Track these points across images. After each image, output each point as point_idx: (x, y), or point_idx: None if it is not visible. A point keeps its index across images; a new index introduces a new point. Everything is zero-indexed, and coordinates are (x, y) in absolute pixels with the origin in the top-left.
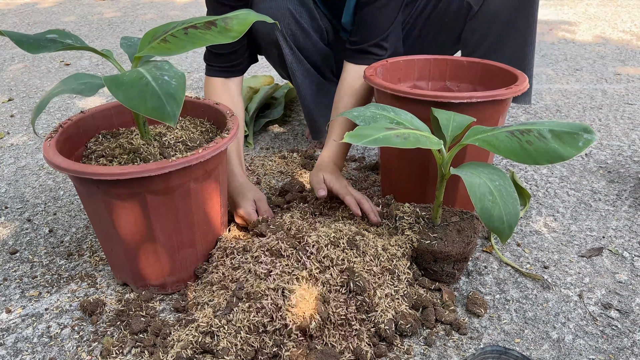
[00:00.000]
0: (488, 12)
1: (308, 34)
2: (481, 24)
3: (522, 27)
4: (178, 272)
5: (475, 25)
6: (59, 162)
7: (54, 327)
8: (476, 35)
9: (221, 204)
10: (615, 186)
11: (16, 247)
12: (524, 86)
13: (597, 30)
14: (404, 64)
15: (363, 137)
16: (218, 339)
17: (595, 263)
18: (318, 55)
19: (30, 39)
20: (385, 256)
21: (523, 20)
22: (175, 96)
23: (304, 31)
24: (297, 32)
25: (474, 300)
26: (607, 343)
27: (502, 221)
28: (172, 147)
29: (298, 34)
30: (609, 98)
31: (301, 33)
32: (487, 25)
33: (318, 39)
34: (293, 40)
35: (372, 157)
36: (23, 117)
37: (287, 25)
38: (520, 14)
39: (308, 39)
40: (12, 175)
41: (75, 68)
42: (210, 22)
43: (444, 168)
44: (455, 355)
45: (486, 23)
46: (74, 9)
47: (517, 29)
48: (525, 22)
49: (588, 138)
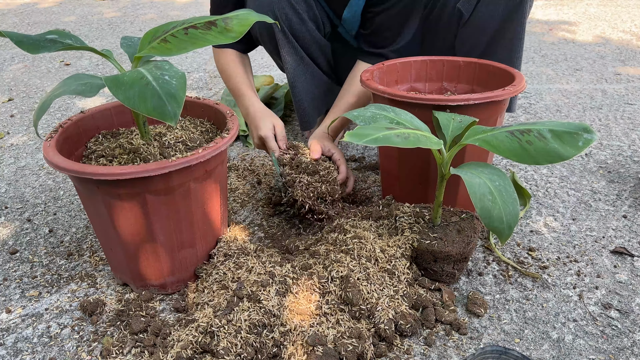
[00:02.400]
0: (478, 20)
1: (304, 20)
2: (472, 32)
3: (510, 36)
4: (178, 272)
5: (466, 34)
6: (58, 162)
7: (54, 327)
8: (466, 44)
9: (221, 204)
10: (615, 186)
11: (16, 247)
12: (522, 86)
13: (597, 30)
14: (401, 66)
15: (363, 137)
16: (218, 339)
17: (595, 263)
18: (315, 44)
19: (30, 39)
20: (385, 257)
21: (512, 28)
22: (176, 96)
23: (299, 17)
24: (292, 18)
25: (474, 300)
26: (607, 343)
27: (502, 221)
28: (172, 147)
29: (293, 20)
30: (609, 98)
31: (297, 19)
32: (477, 33)
33: (314, 28)
34: (288, 25)
35: (372, 157)
36: (23, 117)
37: (281, 9)
38: (510, 22)
39: (303, 25)
40: (12, 175)
41: (75, 68)
42: (210, 22)
43: (444, 168)
44: (455, 355)
45: (476, 31)
46: (74, 9)
47: (505, 38)
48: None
49: (588, 138)
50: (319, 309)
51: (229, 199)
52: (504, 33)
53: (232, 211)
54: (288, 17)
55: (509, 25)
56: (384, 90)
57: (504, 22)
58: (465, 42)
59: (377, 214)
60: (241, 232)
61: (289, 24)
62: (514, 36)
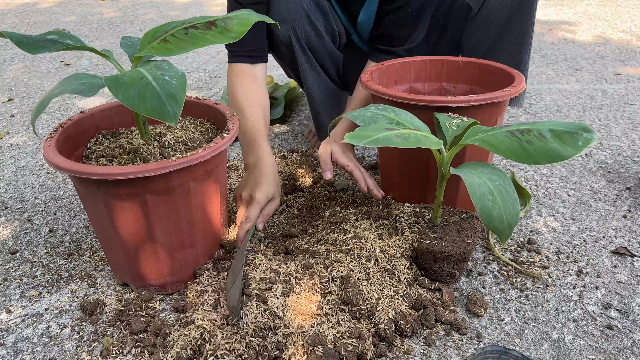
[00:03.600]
0: (487, 14)
1: (321, 36)
2: (479, 26)
3: (519, 30)
4: (178, 272)
5: (473, 29)
6: (58, 162)
7: (54, 327)
8: (473, 38)
9: (221, 204)
10: (615, 186)
11: (16, 247)
12: (521, 87)
13: (597, 30)
14: (400, 67)
15: (363, 138)
16: (218, 339)
17: (595, 263)
18: (328, 57)
19: (30, 39)
20: (385, 257)
21: (521, 22)
22: (176, 96)
23: (317, 33)
24: (310, 34)
25: (474, 300)
26: (607, 343)
27: (502, 221)
28: (172, 147)
29: (312, 36)
30: (609, 98)
31: (315, 35)
32: (484, 27)
33: (330, 42)
34: (306, 41)
35: (372, 157)
36: (23, 117)
37: (301, 26)
38: (519, 15)
39: (320, 40)
40: (12, 175)
41: (75, 68)
42: (210, 22)
43: (444, 168)
44: (455, 355)
45: (484, 26)
46: (74, 9)
47: (514, 31)
48: (524, 23)
49: (588, 137)
50: (319, 309)
51: (229, 199)
52: (513, 26)
53: (232, 211)
54: (307, 33)
55: (518, 18)
56: (384, 92)
57: (513, 15)
58: (473, 36)
59: (377, 214)
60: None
61: (307, 40)
62: (523, 29)
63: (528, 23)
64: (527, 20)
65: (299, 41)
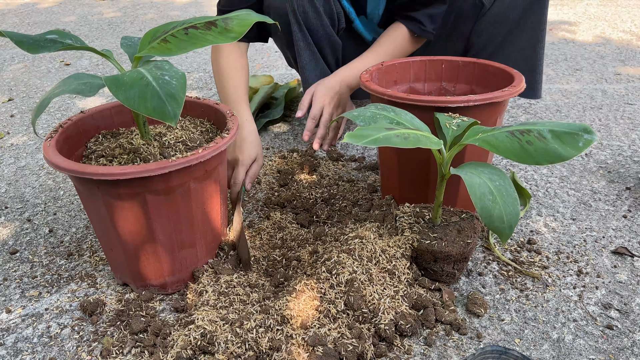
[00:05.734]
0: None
1: (319, 14)
2: (492, 22)
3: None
4: (178, 272)
5: (485, 25)
6: (59, 162)
7: (54, 327)
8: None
9: (221, 204)
10: (615, 186)
11: (16, 247)
12: (521, 87)
13: (597, 30)
14: (400, 67)
15: (363, 138)
16: (218, 340)
17: (595, 263)
18: (326, 41)
19: (30, 39)
20: (385, 257)
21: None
22: (176, 96)
23: (316, 10)
24: (308, 10)
25: (474, 300)
26: (607, 343)
27: (503, 221)
28: (172, 147)
29: (310, 12)
30: (609, 98)
31: (313, 12)
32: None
33: (328, 23)
34: (304, 18)
35: (372, 157)
36: (23, 117)
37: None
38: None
39: (319, 19)
40: (12, 175)
41: (75, 68)
42: (210, 22)
43: (444, 168)
44: (455, 355)
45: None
46: (74, 9)
47: (526, 28)
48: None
49: (588, 138)
50: (320, 312)
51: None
52: (525, 22)
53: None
54: (305, 9)
55: (531, 15)
56: (384, 92)
57: (525, 12)
58: (484, 33)
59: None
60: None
61: (304, 17)
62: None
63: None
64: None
65: (296, 17)
